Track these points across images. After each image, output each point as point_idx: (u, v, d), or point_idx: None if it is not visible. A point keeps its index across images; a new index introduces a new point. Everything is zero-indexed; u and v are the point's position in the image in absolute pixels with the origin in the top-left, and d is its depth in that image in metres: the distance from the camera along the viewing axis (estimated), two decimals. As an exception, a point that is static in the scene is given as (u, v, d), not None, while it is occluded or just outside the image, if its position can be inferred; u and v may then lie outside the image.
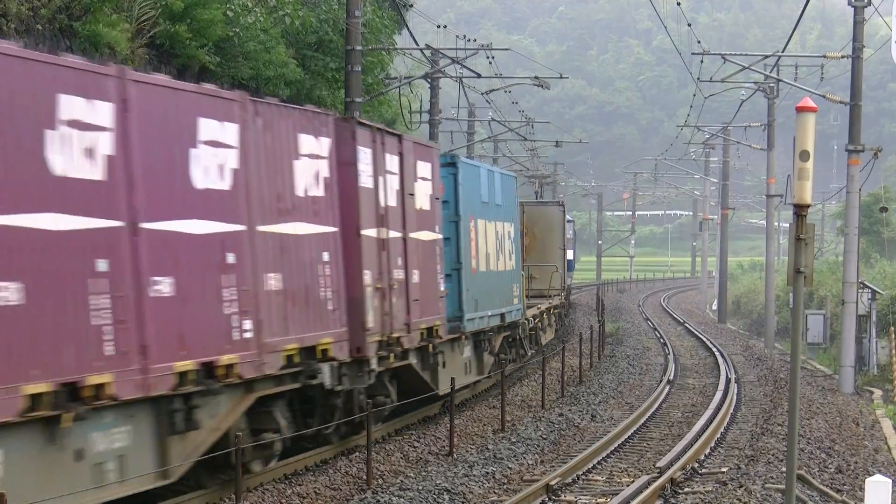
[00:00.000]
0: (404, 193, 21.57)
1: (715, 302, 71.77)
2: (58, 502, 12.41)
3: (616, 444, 22.15)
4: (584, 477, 19.09)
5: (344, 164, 19.13)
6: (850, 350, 32.98)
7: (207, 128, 15.36)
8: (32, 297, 12.27)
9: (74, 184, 12.90)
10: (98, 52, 23.97)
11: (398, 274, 21.11)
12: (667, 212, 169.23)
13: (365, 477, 18.05)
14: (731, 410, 27.19)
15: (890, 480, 14.33)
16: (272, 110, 17.12)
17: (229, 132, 15.79)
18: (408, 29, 39.23)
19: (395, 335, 20.87)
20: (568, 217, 48.08)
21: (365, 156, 19.81)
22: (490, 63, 40.04)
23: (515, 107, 53.62)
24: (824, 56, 37.54)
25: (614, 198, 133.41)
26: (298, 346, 17.39)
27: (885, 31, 34.32)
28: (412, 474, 18.84)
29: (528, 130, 61.67)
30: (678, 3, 33.79)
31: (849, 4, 33.25)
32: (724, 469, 19.73)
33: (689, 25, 35.36)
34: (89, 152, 13.15)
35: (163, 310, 14.20)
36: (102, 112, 13.38)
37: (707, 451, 21.75)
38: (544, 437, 23.08)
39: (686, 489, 18.14)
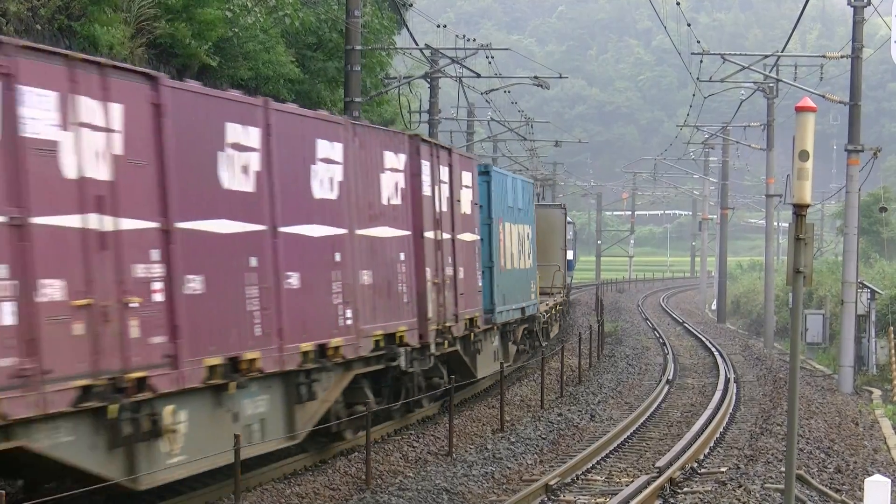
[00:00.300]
0: (453, 200, 24.50)
1: (714, 302, 71.75)
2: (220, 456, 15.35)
3: (615, 444, 22.15)
4: (583, 477, 19.09)
5: (412, 176, 22.08)
6: (849, 350, 32.97)
7: (322, 147, 18.46)
8: (210, 288, 15.18)
9: (235, 195, 15.95)
10: (98, 52, 23.98)
11: (449, 271, 24.01)
12: (666, 212, 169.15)
13: (364, 477, 18.05)
14: (731, 410, 27.19)
15: (889, 480, 14.33)
16: (365, 131, 20.25)
17: (337, 150, 18.86)
18: (407, 29, 39.21)
19: (447, 324, 23.76)
20: (568, 219, 50.32)
21: (426, 168, 22.68)
22: (490, 63, 40.03)
23: (515, 107, 53.61)
24: (824, 56, 37.53)
25: (614, 197, 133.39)
26: (383, 333, 20.46)
27: (885, 31, 34.30)
28: (411, 474, 18.84)
29: (527, 130, 61.64)
30: (678, 3, 33.77)
31: (848, 4, 33.23)
32: (723, 469, 19.73)
33: (689, 25, 35.34)
34: (245, 169, 16.21)
35: (293, 299, 17.20)
36: (253, 136, 16.43)
37: (706, 450, 21.76)
38: (543, 436, 23.08)
39: (685, 489, 18.14)
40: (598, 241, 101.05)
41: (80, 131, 13.07)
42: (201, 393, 15.10)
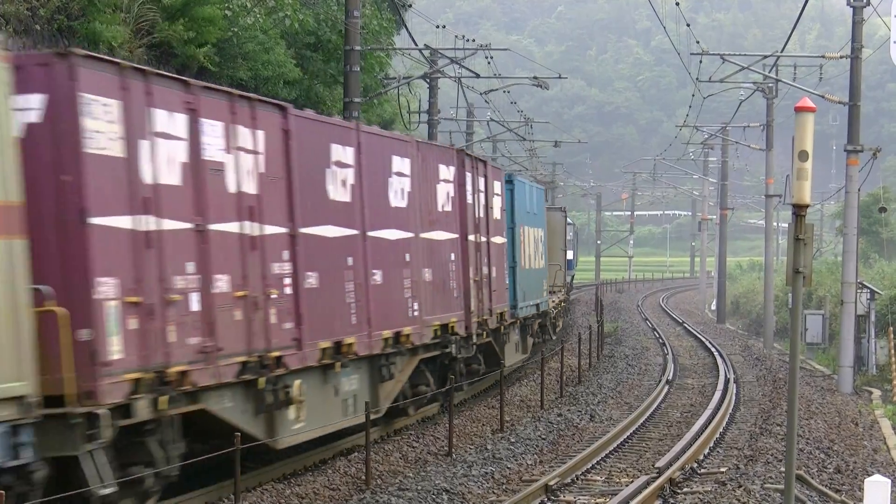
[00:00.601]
0: (488, 207, 27.64)
1: (714, 302, 71.74)
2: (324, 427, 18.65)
3: (615, 445, 22.15)
4: (582, 477, 19.09)
5: (459, 186, 25.14)
6: (848, 350, 32.95)
7: (396, 163, 21.57)
8: (321, 283, 18.29)
9: (338, 205, 19.09)
10: (97, 52, 23.97)
11: (485, 270, 27.00)
12: (665, 212, 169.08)
13: (364, 477, 18.05)
14: (730, 410, 27.18)
15: (889, 480, 14.33)
16: (426, 147, 23.73)
17: (406, 165, 21.97)
18: (406, 29, 39.20)
19: (485, 318, 26.75)
20: (569, 220, 53.90)
21: (468, 178, 25.83)
22: (489, 63, 40.03)
23: (514, 107, 53.57)
24: (823, 56, 37.51)
25: (613, 198, 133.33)
26: (440, 324, 23.48)
27: (884, 31, 34.30)
28: (411, 474, 18.84)
29: (526, 130, 61.62)
30: (677, 4, 33.79)
31: (847, 5, 33.22)
32: (723, 469, 19.73)
33: (688, 25, 35.35)
34: (343, 183, 19.33)
35: (377, 293, 20.30)
36: (349, 154, 19.59)
37: (706, 451, 21.76)
38: (543, 437, 23.08)
39: (685, 489, 18.14)
40: (598, 242, 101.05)
41: (238, 154, 16.21)
42: (315, 371, 18.21)
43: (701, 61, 38.50)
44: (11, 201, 12.36)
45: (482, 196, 27.11)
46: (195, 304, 14.94)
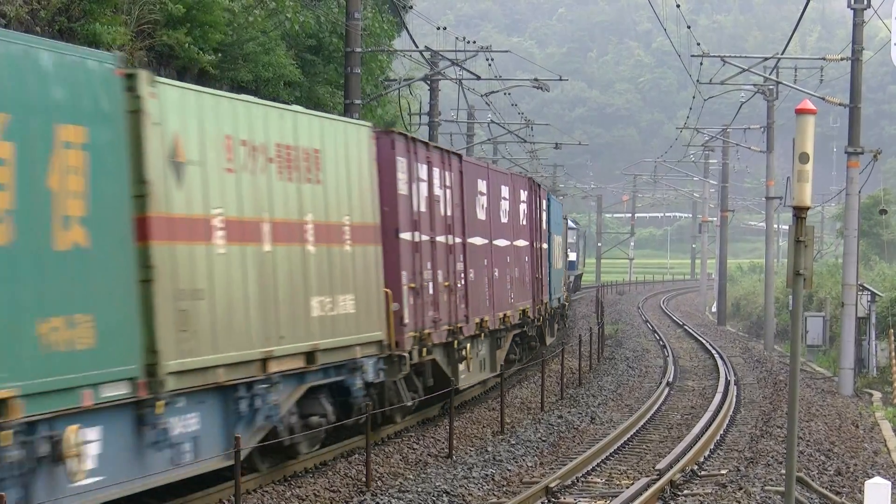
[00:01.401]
0: (541, 220, 35.93)
1: (714, 304, 71.71)
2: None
3: (615, 447, 22.14)
4: (583, 479, 19.09)
5: (528, 205, 33.21)
6: (849, 352, 32.93)
7: (503, 190, 29.70)
8: (475, 277, 25.97)
9: (480, 222, 27.00)
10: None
11: (541, 269, 35.19)
12: (666, 214, 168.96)
13: (364, 479, 18.05)
14: (731, 412, 27.17)
15: (889, 483, 14.32)
16: (515, 177, 32.38)
17: (507, 191, 30.15)
18: (407, 31, 39.17)
19: (539, 306, 34.74)
20: (571, 224, 61.75)
21: (531, 198, 33.87)
22: (490, 65, 40.02)
23: (515, 109, 53.50)
24: (824, 58, 37.49)
25: (614, 200, 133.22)
26: (522, 309, 31.43)
27: (885, 33, 34.30)
28: (411, 476, 18.84)
29: (527, 132, 61.52)
30: (678, 6, 33.78)
31: (848, 7, 33.19)
32: (723, 471, 19.73)
33: (689, 27, 35.34)
34: (482, 206, 27.30)
35: (496, 285, 28.16)
36: (484, 186, 27.62)
37: (706, 453, 21.75)
38: (544, 439, 23.08)
39: (685, 491, 18.14)
40: (599, 244, 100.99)
41: (445, 189, 24.04)
42: (470, 338, 25.49)
43: (702, 63, 38.49)
44: (376, 223, 20.10)
45: (537, 211, 35.06)
46: (430, 289, 22.70)
